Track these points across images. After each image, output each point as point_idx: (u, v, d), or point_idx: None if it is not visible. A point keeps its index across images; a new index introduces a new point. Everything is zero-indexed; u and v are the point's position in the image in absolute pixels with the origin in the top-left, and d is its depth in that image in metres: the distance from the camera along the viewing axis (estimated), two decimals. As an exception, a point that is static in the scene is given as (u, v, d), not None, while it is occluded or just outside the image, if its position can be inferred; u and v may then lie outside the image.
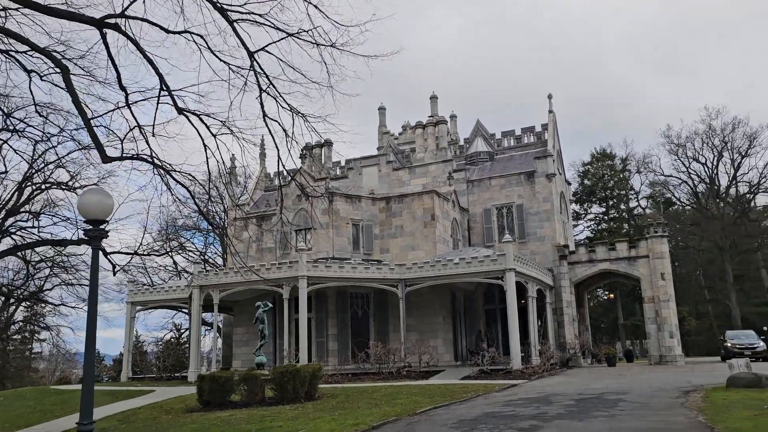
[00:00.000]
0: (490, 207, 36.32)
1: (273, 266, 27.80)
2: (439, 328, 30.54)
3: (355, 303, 31.55)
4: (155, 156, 10.15)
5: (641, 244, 33.09)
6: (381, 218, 33.49)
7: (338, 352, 30.31)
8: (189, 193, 10.70)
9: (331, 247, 31.78)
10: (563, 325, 33.14)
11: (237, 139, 11.64)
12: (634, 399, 13.10)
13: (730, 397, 12.21)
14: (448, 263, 27.38)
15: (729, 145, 61.53)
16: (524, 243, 34.56)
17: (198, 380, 16.90)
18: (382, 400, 15.97)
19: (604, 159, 67.77)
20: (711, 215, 62.91)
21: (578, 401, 13.14)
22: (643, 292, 32.82)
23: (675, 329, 31.53)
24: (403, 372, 25.63)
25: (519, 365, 24.95)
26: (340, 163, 43.53)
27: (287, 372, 16.35)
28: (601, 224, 67.35)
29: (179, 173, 10.48)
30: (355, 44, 10.44)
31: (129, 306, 34.21)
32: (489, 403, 14.11)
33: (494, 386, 19.46)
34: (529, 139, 39.84)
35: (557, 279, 33.85)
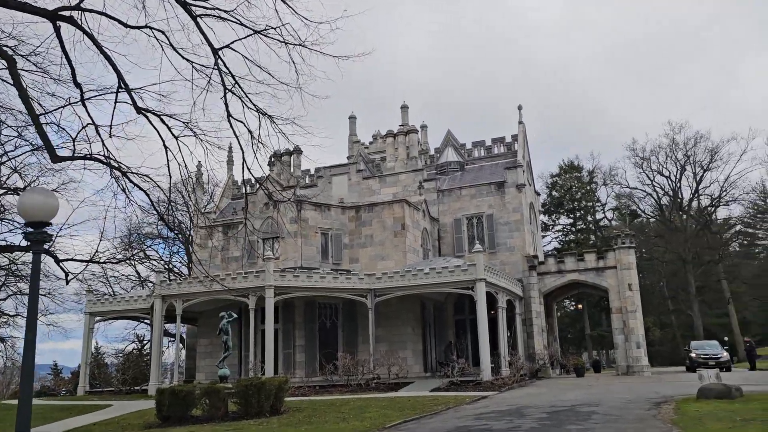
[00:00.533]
0: (460, 217, 36.19)
1: (239, 275, 27.07)
2: (409, 339, 30.15)
3: (323, 313, 30.96)
4: (111, 157, 9.56)
5: (609, 255, 33.30)
6: (351, 227, 33.04)
7: (306, 364, 29.63)
8: (147, 197, 10.10)
9: (299, 257, 31.17)
10: (532, 336, 33.07)
11: (200, 141, 11.12)
12: (606, 411, 12.88)
13: (701, 408, 12.08)
14: (419, 273, 27.06)
15: (691, 159, 62.82)
16: (494, 253, 34.49)
17: (157, 394, 16.15)
18: (350, 414, 15.47)
19: (572, 171, 68.62)
20: (674, 227, 64.07)
21: (551, 414, 12.86)
22: (611, 303, 32.99)
23: (642, 340, 31.71)
24: (372, 384, 25.12)
25: (489, 376, 24.68)
26: (309, 172, 43.01)
27: (252, 385, 15.72)
28: (568, 235, 68.07)
29: (137, 175, 9.90)
30: (326, 43, 10.07)
31: (87, 316, 32.97)
32: (460, 417, 13.74)
33: (465, 398, 19.12)
34: (500, 150, 39.94)
35: (526, 289, 33.82)
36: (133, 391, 29.89)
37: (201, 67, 10.66)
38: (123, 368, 38.28)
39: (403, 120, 44.37)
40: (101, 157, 9.58)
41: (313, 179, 41.11)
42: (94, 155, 9.66)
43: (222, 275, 27.56)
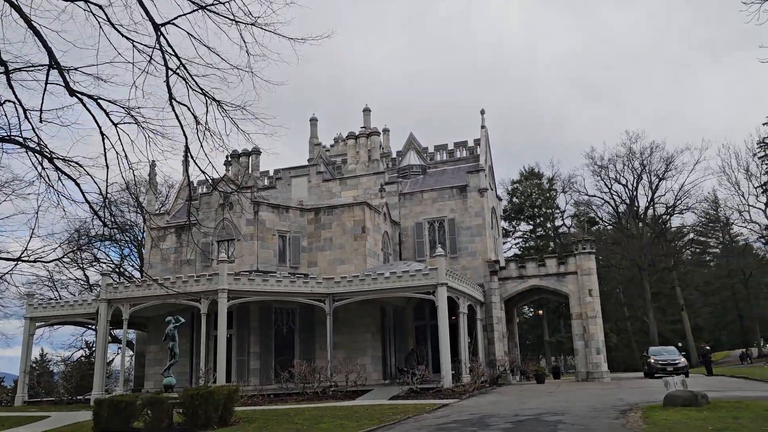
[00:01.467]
0: (422, 221, 35.63)
1: (190, 279, 25.83)
2: (368, 346, 29.33)
3: (279, 319, 29.88)
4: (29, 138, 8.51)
5: (570, 261, 33.21)
6: (309, 230, 32.08)
7: (260, 372, 28.49)
8: (78, 188, 9.04)
9: (255, 260, 30.05)
10: (493, 342, 32.67)
11: (142, 129, 10.13)
12: (573, 421, 12.34)
13: (670, 417, 11.65)
14: (379, 277, 26.31)
15: (647, 168, 63.89)
16: (455, 258, 34.01)
17: (95, 405, 14.94)
18: (304, 425, 14.57)
19: (532, 177, 69.08)
20: (631, 235, 65.05)
21: (516, 424, 12.24)
22: (571, 309, 32.88)
23: (602, 345, 31.66)
24: (329, 392, 24.21)
25: (450, 383, 24.07)
26: (268, 173, 41.88)
27: (198, 395, 14.66)
28: (528, 242, 68.46)
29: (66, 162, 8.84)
30: (280, 24, 9.24)
31: (27, 322, 31.08)
32: (420, 427, 13.01)
33: (425, 406, 18.42)
34: (462, 154, 39.62)
35: (488, 295, 33.44)
36: (76, 401, 28.21)
37: (143, 47, 9.69)
38: (68, 377, 36.32)
39: (365, 123, 43.69)
40: (19, 138, 8.51)
41: (272, 181, 40.00)
42: (13, 137, 8.59)
43: (173, 279, 26.27)
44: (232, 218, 30.84)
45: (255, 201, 30.72)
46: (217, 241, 30.93)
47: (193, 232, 33.77)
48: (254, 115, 8.72)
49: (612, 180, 64.79)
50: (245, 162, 40.61)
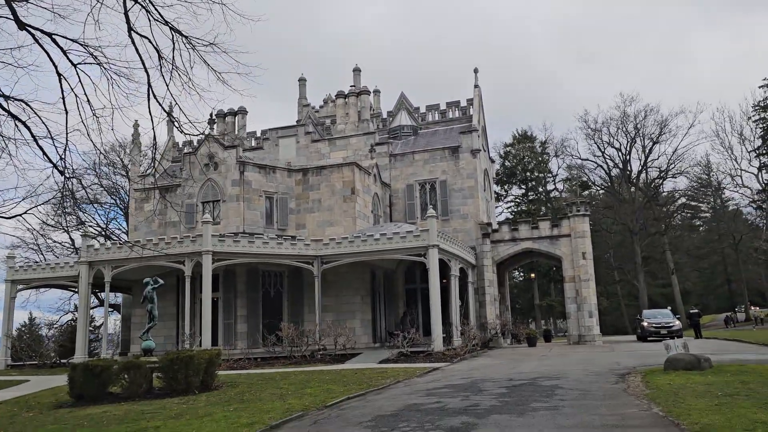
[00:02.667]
0: (413, 183, 34.78)
1: (173, 240, 25.00)
2: (358, 309, 28.78)
3: (267, 282, 29.22)
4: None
5: (563, 223, 32.61)
6: (297, 191, 31.17)
7: (248, 335, 27.95)
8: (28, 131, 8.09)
9: (241, 222, 29.19)
10: (485, 305, 32.25)
11: (105, 70, 9.15)
12: (571, 385, 11.77)
13: (673, 381, 11.09)
14: (368, 239, 25.57)
15: (641, 131, 63.07)
16: (447, 220, 33.29)
17: (70, 370, 14.24)
18: (289, 390, 13.96)
19: (525, 141, 68.12)
20: (623, 199, 64.64)
21: (510, 389, 11.66)
22: (564, 272, 32.42)
23: (594, 309, 31.32)
24: (317, 356, 23.69)
25: (441, 347, 23.60)
26: (255, 134, 40.71)
27: (178, 359, 13.98)
28: (520, 206, 67.88)
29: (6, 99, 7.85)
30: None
31: (8, 284, 30.21)
32: (410, 392, 12.42)
33: (415, 370, 17.90)
34: (454, 114, 38.56)
35: (479, 257, 32.88)
36: (58, 364, 27.58)
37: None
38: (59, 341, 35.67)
39: (355, 83, 42.31)
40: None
41: (259, 142, 38.83)
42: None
43: (155, 240, 25.42)
44: (217, 178, 29.86)
45: (241, 161, 29.72)
46: (201, 202, 30.00)
47: (177, 193, 32.87)
48: (225, 51, 7.75)
49: (605, 144, 64.01)
50: (231, 122, 39.42)
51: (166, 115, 8.08)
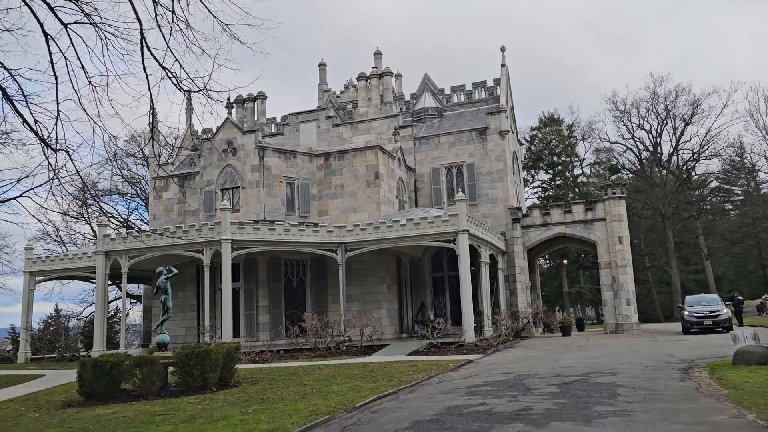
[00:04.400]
0: (438, 166, 33.38)
1: (191, 228, 24.01)
2: (384, 298, 27.59)
3: (289, 271, 28.17)
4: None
5: (598, 207, 30.98)
6: (319, 176, 30.00)
7: (270, 327, 26.98)
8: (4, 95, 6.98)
9: (261, 209, 28.13)
10: (516, 293, 30.86)
11: (99, 30, 8.00)
12: (630, 382, 10.42)
13: (751, 378, 9.69)
14: (394, 225, 24.31)
15: (672, 112, 60.71)
16: (475, 205, 31.85)
17: (79, 366, 13.27)
18: (313, 387, 12.82)
19: (552, 124, 66.10)
20: (654, 182, 62.47)
21: (562, 387, 10.35)
22: (599, 257, 30.81)
23: (632, 296, 29.72)
24: (342, 347, 22.58)
25: (472, 338, 22.31)
26: (275, 120, 39.66)
27: (193, 354, 12.92)
28: (547, 191, 65.96)
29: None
30: None
31: (27, 276, 29.63)
32: (447, 390, 11.17)
33: (447, 363, 16.68)
34: (481, 95, 37.03)
35: (509, 244, 31.44)
36: (76, 357, 26.90)
37: None
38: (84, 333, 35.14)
39: (377, 66, 40.96)
40: None
41: (279, 128, 37.73)
42: None
43: (173, 228, 24.49)
44: (235, 165, 28.82)
45: (260, 145, 28.62)
46: (221, 189, 29.00)
47: (195, 180, 31.96)
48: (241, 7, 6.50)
49: (635, 126, 61.73)
50: (250, 108, 38.35)
51: (161, 69, 6.91)
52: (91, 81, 8.19)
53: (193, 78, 6.76)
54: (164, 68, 6.95)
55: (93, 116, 8.05)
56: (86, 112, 7.44)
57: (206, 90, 6.85)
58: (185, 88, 6.89)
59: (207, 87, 6.81)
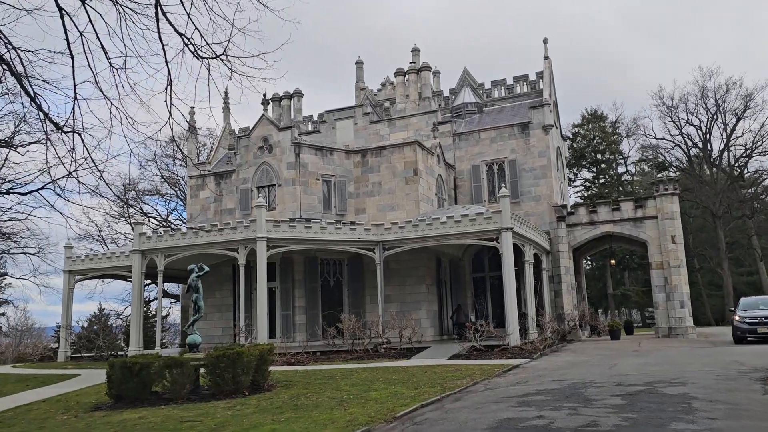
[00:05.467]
0: (479, 163, 32.27)
1: (226, 227, 23.54)
2: (423, 299, 26.68)
3: (326, 271, 27.53)
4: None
5: (649, 204, 29.42)
6: (356, 174, 29.27)
7: (307, 327, 26.37)
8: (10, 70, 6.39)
9: (297, 207, 27.55)
10: (561, 295, 29.53)
11: (117, 4, 7.34)
12: (705, 394, 9.29)
13: None
14: (434, 222, 23.36)
15: (722, 107, 58.07)
16: (517, 203, 30.61)
17: (108, 367, 12.77)
18: (350, 392, 12.02)
19: (596, 120, 63.99)
20: (703, 180, 59.88)
21: (627, 399, 9.28)
22: (650, 257, 29.23)
23: (686, 298, 28.08)
24: (380, 349, 21.75)
25: (517, 341, 21.20)
26: (312, 118, 39.16)
27: (224, 356, 12.26)
28: (591, 190, 63.91)
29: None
30: None
31: (67, 275, 29.75)
32: (497, 399, 10.21)
33: (492, 368, 15.67)
34: (522, 89, 35.77)
35: (554, 243, 30.13)
36: (114, 356, 26.75)
37: None
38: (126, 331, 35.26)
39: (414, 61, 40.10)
40: None
41: (316, 126, 37.20)
42: None
43: (208, 227, 24.08)
44: (271, 162, 28.33)
45: (296, 142, 28.06)
46: (256, 187, 28.56)
47: (232, 179, 31.64)
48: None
49: (683, 121, 59.24)
50: (286, 105, 37.94)
51: (180, 37, 6.20)
52: (111, 62, 7.55)
53: (211, 44, 6.04)
54: (181, 35, 6.25)
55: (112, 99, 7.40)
56: (102, 91, 6.77)
57: (225, 55, 6.12)
58: (204, 55, 6.17)
59: (226, 52, 6.07)
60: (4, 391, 17.18)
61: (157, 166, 57.21)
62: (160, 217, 56.89)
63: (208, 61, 6.13)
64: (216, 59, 6.09)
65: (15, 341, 67.64)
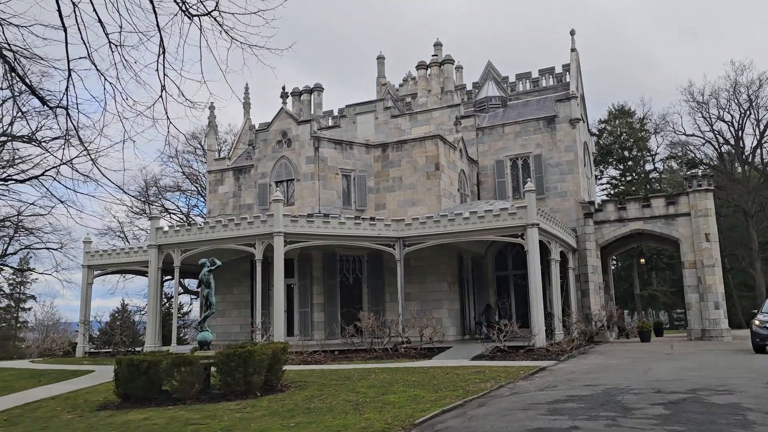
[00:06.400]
0: (502, 158, 31.34)
1: (243, 221, 23.02)
2: (444, 297, 25.88)
3: (345, 268, 26.90)
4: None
5: (681, 200, 28.23)
6: (376, 168, 28.58)
7: (325, 325, 25.77)
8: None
9: (316, 202, 26.96)
10: (588, 294, 28.50)
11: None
12: (758, 404, 8.39)
13: None
14: (456, 218, 22.56)
15: (755, 102, 56.10)
16: (542, 199, 29.58)
17: (115, 365, 12.25)
18: (367, 396, 11.32)
19: (623, 116, 62.39)
20: (735, 178, 57.98)
21: (670, 408, 8.43)
22: (683, 256, 28.04)
23: (721, 299, 26.87)
24: (400, 349, 21.04)
25: (543, 342, 20.33)
26: (332, 113, 38.57)
27: (235, 354, 11.65)
28: (618, 187, 62.37)
29: None
30: None
31: (85, 270, 29.58)
32: (525, 406, 9.42)
33: (518, 371, 14.86)
34: (548, 82, 34.72)
35: (581, 240, 29.11)
36: (131, 352, 26.45)
37: None
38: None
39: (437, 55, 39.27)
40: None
41: (336, 120, 36.59)
42: None
43: (224, 221, 23.59)
44: (290, 157, 27.77)
45: (315, 136, 27.46)
46: (275, 181, 28.02)
47: (250, 174, 31.18)
48: None
49: (714, 117, 57.40)
50: (306, 100, 37.39)
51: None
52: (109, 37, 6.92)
53: (204, 0, 5.37)
54: None
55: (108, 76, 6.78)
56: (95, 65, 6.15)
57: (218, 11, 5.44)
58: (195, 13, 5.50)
59: (218, 7, 5.40)
60: (17, 387, 16.86)
61: (179, 162, 57.28)
62: (182, 214, 56.95)
63: (199, 19, 5.46)
64: (208, 16, 5.42)
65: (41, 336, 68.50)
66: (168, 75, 5.74)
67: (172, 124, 5.91)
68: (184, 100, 5.82)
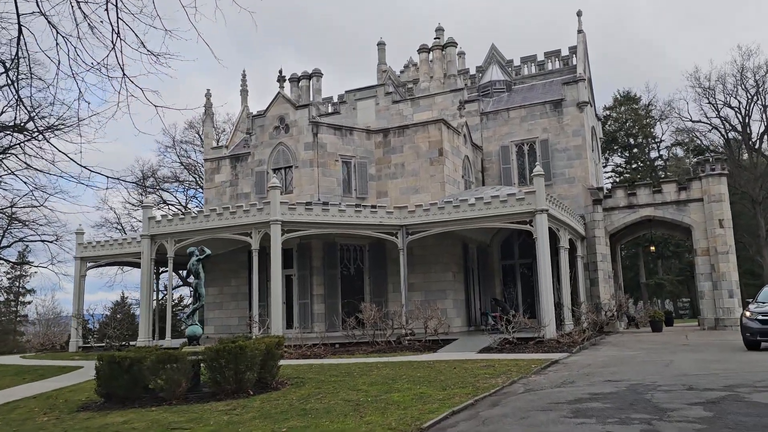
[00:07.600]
0: (508, 144, 30.30)
1: (239, 209, 22.06)
2: (449, 287, 24.94)
3: (346, 257, 25.97)
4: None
5: (694, 185, 27.22)
6: (377, 155, 27.57)
7: (325, 317, 24.87)
8: None
9: (316, 190, 25.98)
10: (597, 283, 27.56)
11: None
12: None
13: None
14: (461, 204, 21.57)
15: (763, 88, 54.87)
16: (549, 185, 28.37)
17: (97, 361, 11.34)
18: (369, 394, 10.40)
19: (628, 102, 61.21)
20: (742, 165, 56.89)
21: (710, 407, 7.50)
22: (695, 243, 27.06)
23: (735, 287, 25.95)
24: (404, 341, 20.12)
25: (553, 333, 19.40)
26: (331, 99, 37.52)
27: (225, 350, 10.72)
28: (623, 174, 61.31)
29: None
30: None
31: (78, 262, 28.69)
32: (543, 405, 8.49)
33: (529, 364, 13.93)
34: (554, 65, 33.63)
35: (589, 228, 28.12)
36: (125, 347, 25.59)
37: None
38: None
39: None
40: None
41: (336, 107, 35.54)
42: None
43: (219, 210, 22.64)
44: (288, 143, 26.77)
45: (314, 121, 26.45)
46: (273, 169, 27.04)
47: (248, 161, 30.19)
48: None
49: (720, 103, 56.20)
50: (305, 86, 36.31)
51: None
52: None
53: None
54: None
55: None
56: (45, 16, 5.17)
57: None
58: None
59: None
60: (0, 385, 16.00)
61: (176, 153, 56.37)
62: (180, 204, 56.04)
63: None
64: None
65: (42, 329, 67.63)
66: (122, 19, 4.77)
67: (126, 77, 4.93)
68: (147, 52, 4.84)
